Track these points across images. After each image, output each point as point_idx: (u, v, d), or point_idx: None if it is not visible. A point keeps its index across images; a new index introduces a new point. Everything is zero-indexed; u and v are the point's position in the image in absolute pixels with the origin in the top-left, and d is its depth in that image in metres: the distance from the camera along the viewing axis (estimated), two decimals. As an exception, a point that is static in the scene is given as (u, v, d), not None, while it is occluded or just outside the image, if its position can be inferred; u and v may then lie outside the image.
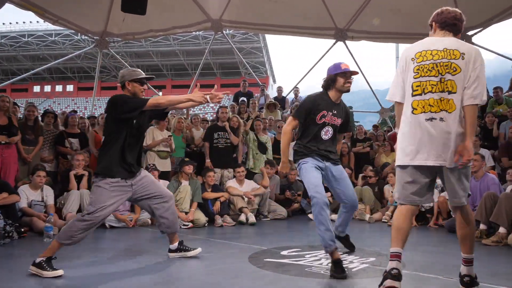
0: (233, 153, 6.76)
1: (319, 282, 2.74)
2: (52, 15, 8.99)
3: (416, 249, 4.03)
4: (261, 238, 4.84)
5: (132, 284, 2.71)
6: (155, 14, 8.77)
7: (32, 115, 6.11)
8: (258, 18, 10.10)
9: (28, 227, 4.71)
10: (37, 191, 5.09)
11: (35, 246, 4.04)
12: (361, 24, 9.73)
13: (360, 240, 4.37)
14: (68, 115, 7.02)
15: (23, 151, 5.79)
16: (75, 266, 3.16)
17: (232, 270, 3.06)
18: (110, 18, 9.57)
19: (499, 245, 4.16)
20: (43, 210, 4.99)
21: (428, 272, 2.96)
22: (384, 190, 6.45)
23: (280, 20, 10.02)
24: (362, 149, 7.85)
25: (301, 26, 10.08)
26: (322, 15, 9.50)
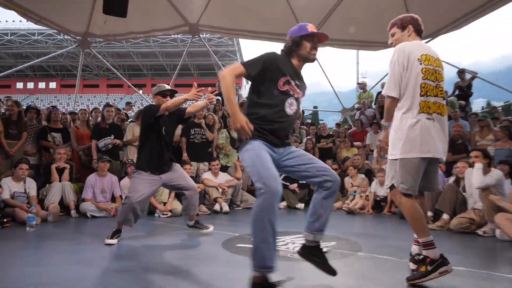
0: (208, 148, 6.72)
1: (285, 264, 2.76)
2: (35, 14, 8.57)
3: (372, 234, 4.14)
4: (234, 225, 4.83)
5: (111, 268, 2.64)
6: (136, 17, 8.55)
7: (13, 111, 5.83)
8: (232, 24, 10.05)
9: (11, 217, 4.52)
10: (19, 183, 4.88)
11: (18, 235, 3.89)
12: (325, 31, 9.82)
13: (322, 226, 4.46)
14: (51, 110, 6.77)
15: (6, 145, 5.54)
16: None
17: (206, 256, 3.04)
18: (92, 20, 9.23)
19: (443, 229, 4.35)
20: (25, 201, 4.81)
21: (382, 254, 3.05)
22: (345, 182, 6.56)
23: (251, 26, 10.02)
24: (325, 145, 7.98)
25: (271, 32, 10.10)
26: (289, 22, 9.56)
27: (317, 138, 8.22)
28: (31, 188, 4.94)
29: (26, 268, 2.62)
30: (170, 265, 2.77)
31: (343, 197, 6.49)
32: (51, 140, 6.13)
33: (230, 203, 6.15)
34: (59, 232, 4.17)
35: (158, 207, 5.37)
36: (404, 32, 2.53)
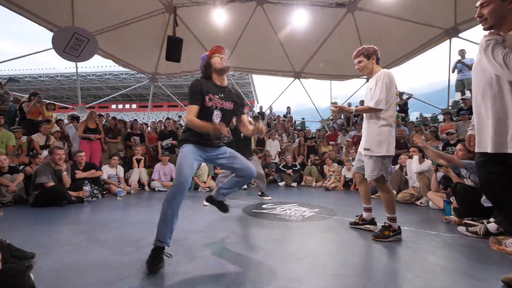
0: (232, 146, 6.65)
1: (285, 223, 2.71)
2: (122, 61, 8.71)
3: (343, 204, 4.03)
4: (249, 198, 4.79)
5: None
6: (185, 61, 8.57)
7: (111, 123, 6.01)
8: (247, 64, 10.03)
9: (107, 191, 4.58)
10: (113, 168, 4.93)
11: (112, 202, 3.93)
12: (309, 69, 9.74)
13: (308, 199, 4.37)
14: (133, 122, 6.84)
15: (104, 145, 5.61)
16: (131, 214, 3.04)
17: (233, 217, 3.00)
18: (158, 64, 9.34)
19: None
20: (117, 180, 4.86)
21: (351, 217, 2.96)
22: (324, 168, 6.44)
23: (260, 65, 9.97)
24: (310, 144, 7.84)
25: (273, 69, 10.03)
26: (285, 63, 9.50)
27: (305, 139, 8.10)
28: (120, 172, 4.99)
29: (115, 222, 2.65)
30: (208, 223, 2.74)
31: (323, 178, 6.37)
32: (133, 141, 6.21)
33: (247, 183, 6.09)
34: (138, 200, 4.21)
35: (200, 184, 5.37)
36: (370, 60, 2.27)
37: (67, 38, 6.47)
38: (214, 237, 2.24)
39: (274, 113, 10.57)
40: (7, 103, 5.11)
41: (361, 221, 2.47)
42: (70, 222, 2.75)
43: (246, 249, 1.94)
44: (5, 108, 4.98)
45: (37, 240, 2.09)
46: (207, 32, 8.49)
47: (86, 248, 1.93)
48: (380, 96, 2.12)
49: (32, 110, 5.30)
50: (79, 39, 6.61)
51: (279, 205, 3.68)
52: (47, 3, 6.27)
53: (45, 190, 3.50)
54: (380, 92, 2.12)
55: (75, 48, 6.63)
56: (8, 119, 5.06)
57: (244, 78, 37.46)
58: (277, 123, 9.24)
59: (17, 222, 2.68)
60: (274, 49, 9.02)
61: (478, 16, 1.46)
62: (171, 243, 1.72)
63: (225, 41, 8.77)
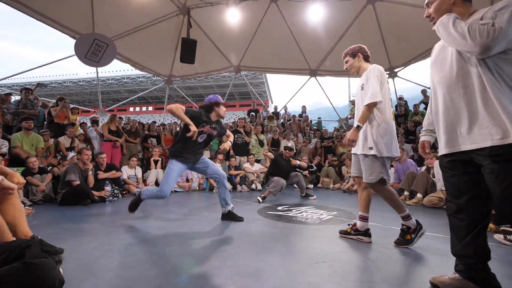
0: (246, 147, 6.73)
1: (301, 226, 2.71)
2: (140, 65, 9.09)
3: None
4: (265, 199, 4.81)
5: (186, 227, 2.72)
6: (200, 63, 8.78)
7: (134, 126, 6.31)
8: (261, 63, 10.05)
9: (127, 191, 4.80)
10: (132, 169, 5.15)
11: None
12: (325, 66, 9.60)
13: (326, 201, 4.32)
14: (150, 124, 7.10)
15: (124, 147, 5.87)
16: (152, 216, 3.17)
17: (247, 219, 3.03)
18: (173, 66, 9.63)
19: (417, 205, 4.07)
20: (135, 181, 5.06)
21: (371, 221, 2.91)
22: (342, 169, 6.33)
23: (275, 64, 9.96)
24: (327, 144, 7.74)
25: (288, 68, 9.99)
26: (301, 60, 9.42)
27: (321, 139, 8.00)
28: (138, 172, 5.21)
29: (136, 222, 2.78)
30: (223, 223, 2.79)
31: (341, 180, 6.26)
32: (150, 142, 6.43)
33: (262, 184, 6.12)
34: (155, 200, 4.34)
35: (215, 186, 5.43)
36: (355, 59, 2.19)
37: (88, 44, 6.86)
38: (229, 239, 2.29)
39: (289, 113, 10.52)
40: (37, 108, 5.52)
41: (354, 231, 2.25)
42: (94, 220, 2.92)
43: (262, 252, 1.96)
44: (34, 112, 5.39)
45: (64, 237, 2.25)
46: (220, 32, 8.63)
47: (110, 245, 2.05)
48: (375, 89, 1.97)
49: (59, 114, 5.69)
50: (99, 45, 6.98)
51: (295, 208, 3.66)
52: (68, 10, 6.68)
53: (71, 189, 3.74)
54: (373, 85, 1.99)
55: (95, 54, 7.01)
56: (37, 123, 5.48)
57: (257, 77, 37.55)
58: (292, 123, 9.19)
59: (46, 220, 2.90)
60: (289, 46, 8.97)
61: (427, 16, 1.42)
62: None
63: (239, 40, 8.88)
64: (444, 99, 1.34)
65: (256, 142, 6.80)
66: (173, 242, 2.14)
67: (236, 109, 43.43)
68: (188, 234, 2.37)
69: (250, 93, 41.15)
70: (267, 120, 9.04)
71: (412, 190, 4.36)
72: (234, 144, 6.55)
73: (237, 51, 9.47)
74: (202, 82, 41.93)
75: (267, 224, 2.78)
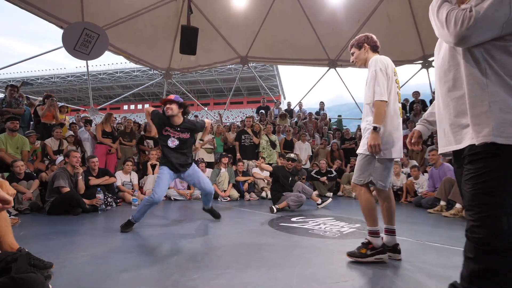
0: (255, 149, 6.74)
1: (319, 240, 2.69)
2: (134, 57, 9.29)
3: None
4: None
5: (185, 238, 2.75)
6: (202, 54, 8.89)
7: (129, 126, 6.49)
8: (272, 54, 10.06)
9: (122, 199, 4.90)
10: (127, 175, 5.26)
11: (126, 211, 4.20)
12: (347, 55, 9.52)
13: (348, 211, 4.28)
14: (146, 124, 7.21)
15: (119, 150, 6.02)
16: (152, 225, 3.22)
17: (257, 231, 3.04)
18: (172, 58, 9.79)
19: (455, 217, 3.98)
20: (131, 188, 5.16)
21: (400, 235, 2.86)
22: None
23: (287, 54, 9.95)
24: (348, 146, 7.66)
25: (303, 58, 9.97)
26: (318, 50, 9.37)
27: (342, 140, 7.93)
28: (134, 178, 5.31)
29: (131, 233, 2.84)
30: (230, 237, 2.82)
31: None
32: (146, 145, 6.54)
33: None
34: (153, 210, 4.41)
35: (220, 193, 5.50)
36: (361, 50, 2.23)
37: (77, 35, 7.07)
38: (236, 253, 2.30)
39: (305, 110, 10.49)
40: (22, 106, 5.71)
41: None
42: (85, 232, 3.00)
43: (273, 268, 1.96)
44: (20, 111, 5.58)
45: (53, 250, 2.32)
46: (225, 19, 8.72)
47: (103, 259, 2.11)
48: (378, 89, 1.99)
49: (46, 113, 5.89)
50: (89, 35, 7.18)
51: (312, 219, 3.65)
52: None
53: (60, 197, 3.86)
54: (376, 81, 2.01)
55: (85, 45, 7.21)
56: (23, 123, 5.67)
57: (268, 70, 37.70)
58: (308, 122, 9.16)
59: (34, 230, 3.00)
60: (305, 34, 8.96)
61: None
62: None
63: (246, 27, 8.94)
64: (436, 91, 1.37)
65: (267, 144, 6.80)
66: (172, 256, 2.17)
67: (243, 106, 43.66)
68: (190, 248, 2.40)
69: (260, 87, 41.31)
70: (279, 119, 9.04)
71: (450, 200, 4.24)
72: (241, 147, 6.57)
73: (244, 40, 9.54)
74: (204, 76, 42.41)
75: (280, 237, 2.78)
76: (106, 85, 42.48)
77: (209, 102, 46.32)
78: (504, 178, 1.08)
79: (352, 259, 2.09)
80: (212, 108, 40.98)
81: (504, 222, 1.07)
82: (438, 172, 4.92)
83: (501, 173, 1.09)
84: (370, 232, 2.11)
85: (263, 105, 10.23)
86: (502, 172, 1.08)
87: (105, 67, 40.19)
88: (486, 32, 1.09)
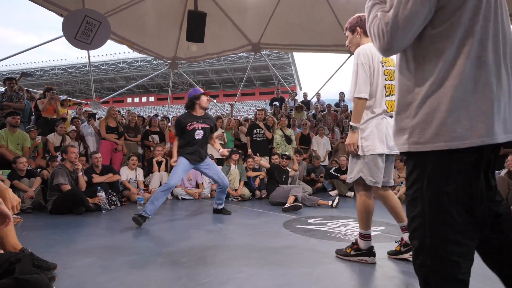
0: (268, 144, 6.71)
1: (339, 244, 2.67)
2: (139, 46, 9.42)
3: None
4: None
5: (194, 240, 2.79)
6: (210, 41, 8.90)
7: (133, 120, 6.61)
8: (287, 40, 9.97)
9: (127, 198, 5.03)
10: (132, 171, 5.37)
11: (131, 211, 4.28)
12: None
13: (370, 211, 4.21)
14: (152, 118, 7.33)
15: (124, 146, 6.12)
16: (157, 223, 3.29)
17: (270, 233, 3.05)
18: (178, 47, 9.86)
19: None
20: (136, 185, 5.27)
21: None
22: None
23: (304, 40, 9.82)
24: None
25: (321, 44, 9.82)
26: (338, 35, 9.19)
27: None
28: (139, 175, 5.42)
29: (136, 235, 2.91)
30: (243, 240, 2.84)
31: (391, 186, 6.04)
32: (151, 140, 6.64)
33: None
34: (159, 210, 4.50)
35: (231, 192, 5.52)
36: (354, 35, 2.22)
37: (77, 23, 7.21)
38: (248, 256, 2.32)
39: (323, 102, 10.36)
40: (23, 100, 5.91)
41: (403, 247, 2.26)
42: (89, 232, 3.11)
43: (288, 273, 1.97)
44: (20, 106, 5.78)
45: (57, 250, 2.41)
46: (235, 2, 8.69)
47: (108, 261, 2.17)
48: (358, 85, 2.04)
49: (47, 107, 6.07)
50: (90, 23, 7.30)
51: (331, 221, 3.63)
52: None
53: (62, 195, 4.00)
54: (357, 77, 2.05)
55: (86, 34, 7.35)
56: (23, 118, 5.87)
57: (282, 58, 37.43)
58: (327, 115, 9.05)
59: (36, 230, 3.13)
60: (323, 17, 8.81)
61: None
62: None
63: (258, 11, 8.87)
64: None
65: (281, 139, 6.77)
66: (181, 258, 2.21)
67: (255, 98, 43.61)
68: (199, 250, 2.43)
69: (273, 77, 41.08)
70: (294, 112, 8.98)
71: None
72: (252, 142, 6.57)
73: (256, 25, 9.48)
74: (213, 65, 42.53)
75: (295, 240, 2.78)
76: (108, 76, 43.42)
77: (218, 94, 46.53)
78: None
79: (338, 256, 2.30)
80: (221, 100, 41.18)
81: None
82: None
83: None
84: (360, 234, 2.25)
85: (277, 96, 10.17)
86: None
87: (107, 58, 41.03)
88: (410, 32, 0.98)
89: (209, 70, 43.02)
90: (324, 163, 7.14)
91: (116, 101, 46.18)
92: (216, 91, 46.91)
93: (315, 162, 6.81)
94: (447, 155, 0.95)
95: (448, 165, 0.96)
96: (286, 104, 9.35)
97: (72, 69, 41.12)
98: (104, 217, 3.90)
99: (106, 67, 41.45)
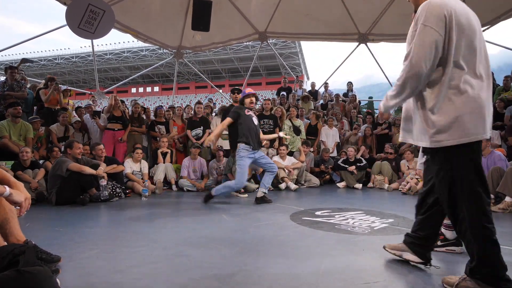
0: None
1: (347, 236, 2.64)
2: (143, 35, 9.36)
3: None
4: (299, 201, 4.76)
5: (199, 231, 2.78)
6: (216, 30, 8.80)
7: (137, 110, 6.58)
8: (294, 28, 9.82)
9: (131, 189, 5.05)
10: (136, 163, 5.38)
11: (136, 203, 4.33)
12: (380, 28, 9.09)
13: (380, 205, 4.17)
14: (157, 108, 7.31)
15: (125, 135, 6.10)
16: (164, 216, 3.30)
17: (277, 226, 3.03)
18: (183, 36, 9.78)
19: (505, 212, 3.76)
20: (141, 177, 5.29)
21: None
22: (401, 165, 6.05)
23: (311, 29, 9.67)
24: (380, 131, 7.40)
25: (329, 33, 9.66)
26: (347, 23, 9.02)
27: (374, 125, 7.67)
28: (144, 167, 5.43)
29: (141, 226, 2.92)
30: (248, 232, 2.82)
31: (399, 179, 5.98)
32: (157, 131, 6.63)
33: (296, 182, 6.06)
34: (164, 202, 4.55)
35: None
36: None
37: (81, 11, 7.16)
38: (254, 249, 2.30)
39: (331, 92, 10.21)
40: (24, 89, 5.88)
41: (441, 241, 2.28)
42: (94, 224, 3.13)
43: (295, 266, 1.95)
44: (23, 95, 5.76)
45: (61, 242, 2.43)
46: (241, -11, 8.52)
47: (113, 253, 2.18)
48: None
49: (50, 98, 6.08)
50: (94, 12, 7.25)
51: (338, 213, 3.59)
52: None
53: (68, 178, 4.02)
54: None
55: (90, 23, 7.30)
56: (26, 108, 5.87)
57: (289, 47, 36.97)
58: (335, 105, 8.93)
59: (40, 222, 3.16)
60: (331, 4, 8.64)
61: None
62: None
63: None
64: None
65: (290, 130, 6.70)
66: (186, 250, 2.21)
67: (262, 88, 43.34)
68: (204, 242, 2.42)
69: (280, 67, 40.71)
70: (301, 102, 8.87)
71: (499, 193, 4.02)
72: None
73: (262, 13, 9.32)
74: (219, 54, 42.28)
75: (302, 233, 2.75)
76: (112, 66, 43.49)
77: (224, 83, 46.36)
78: None
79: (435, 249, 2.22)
80: (227, 90, 40.98)
81: None
82: (486, 161, 4.65)
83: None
84: (445, 224, 2.24)
85: (284, 86, 10.06)
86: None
87: (111, 47, 41.02)
88: (429, 64, 1.44)
89: (215, 59, 42.77)
90: (333, 154, 7.09)
91: (120, 91, 46.30)
92: (222, 81, 46.75)
93: (324, 156, 6.75)
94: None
95: None
96: (294, 93, 9.24)
97: (76, 58, 41.25)
98: (109, 208, 3.92)
99: (110, 57, 41.50)
